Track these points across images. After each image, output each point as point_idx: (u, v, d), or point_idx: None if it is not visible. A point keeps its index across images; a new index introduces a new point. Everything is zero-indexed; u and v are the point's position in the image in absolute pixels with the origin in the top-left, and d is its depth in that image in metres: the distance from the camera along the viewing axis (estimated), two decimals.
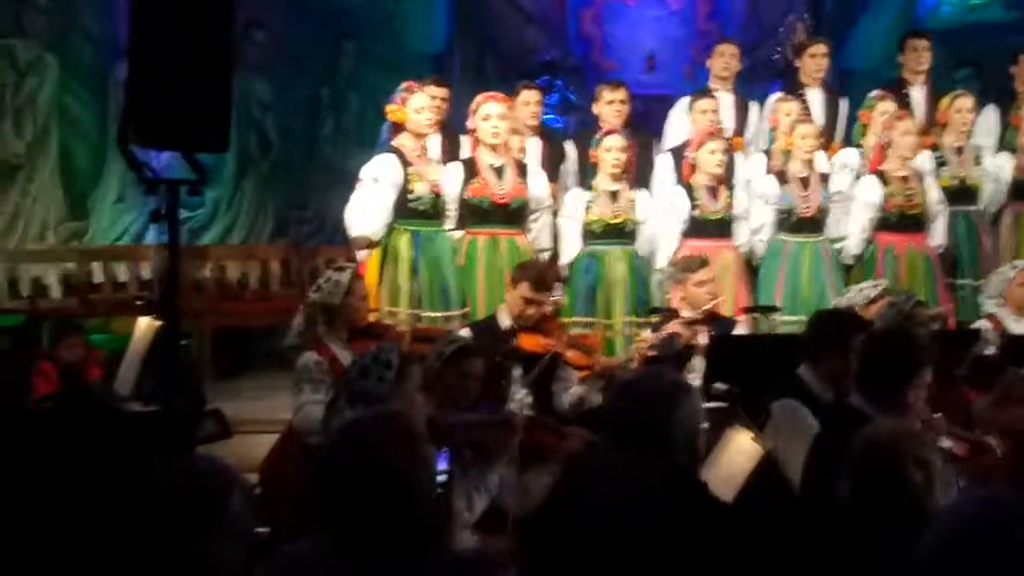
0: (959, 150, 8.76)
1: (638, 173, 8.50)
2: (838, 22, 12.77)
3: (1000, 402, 6.22)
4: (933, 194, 8.48)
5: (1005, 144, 9.00)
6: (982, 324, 7.60)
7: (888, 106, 8.73)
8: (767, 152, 8.78)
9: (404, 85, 8.28)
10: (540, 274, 7.03)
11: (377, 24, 12.53)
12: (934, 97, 9.25)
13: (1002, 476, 5.16)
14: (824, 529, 3.66)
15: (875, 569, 3.08)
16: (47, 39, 10.14)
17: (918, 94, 9.36)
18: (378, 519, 2.94)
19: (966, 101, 8.91)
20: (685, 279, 7.48)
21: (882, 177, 8.34)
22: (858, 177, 8.50)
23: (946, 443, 5.06)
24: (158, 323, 5.73)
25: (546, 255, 8.05)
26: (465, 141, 8.29)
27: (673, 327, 7.17)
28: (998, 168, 8.81)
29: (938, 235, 8.51)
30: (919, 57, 9.50)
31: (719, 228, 8.20)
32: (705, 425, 4.14)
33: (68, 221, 10.25)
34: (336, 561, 2.97)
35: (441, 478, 3.56)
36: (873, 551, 3.30)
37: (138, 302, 9.00)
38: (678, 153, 8.56)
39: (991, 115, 9.16)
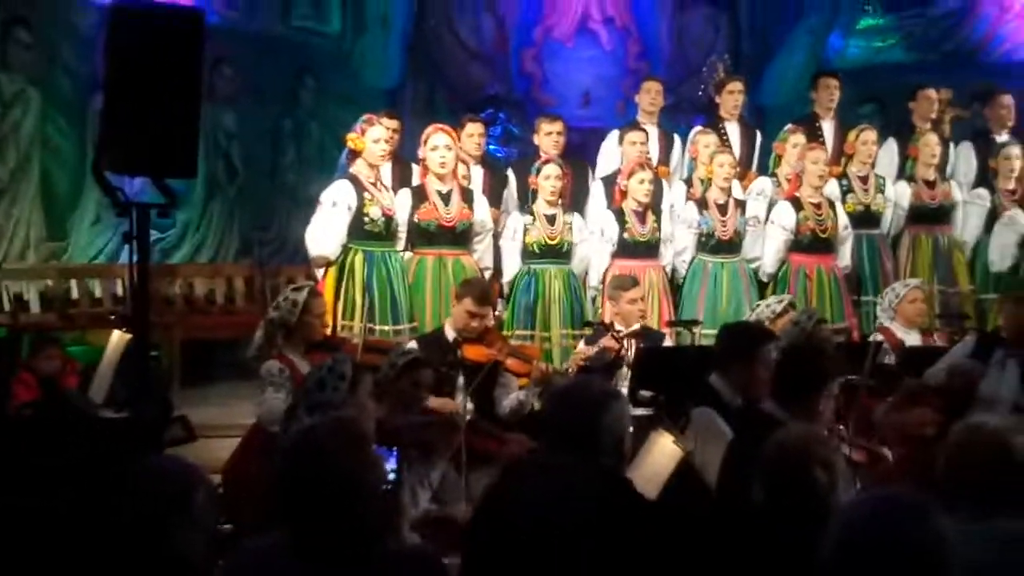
0: (864, 179, 8.84)
1: (573, 198, 8.56)
2: (755, 62, 12.85)
3: (898, 407, 6.31)
4: (841, 219, 8.57)
5: (904, 173, 9.10)
6: (875, 337, 7.69)
7: (800, 139, 8.81)
8: (688, 181, 8.85)
9: (364, 117, 8.27)
10: (483, 290, 7.05)
11: (336, 61, 12.53)
12: (842, 130, 9.32)
13: (896, 480, 5.21)
14: (738, 525, 3.69)
15: (783, 564, 3.10)
16: (30, 73, 10.04)
17: (828, 128, 9.43)
18: (329, 518, 2.94)
19: (870, 134, 9.01)
20: (619, 296, 7.53)
21: (796, 203, 8.43)
22: (772, 203, 8.57)
23: (846, 450, 5.12)
24: (129, 336, 5.70)
25: (488, 273, 8.05)
26: (415, 169, 8.27)
27: (607, 340, 7.22)
28: (898, 195, 8.89)
29: (845, 257, 8.61)
30: (830, 94, 9.58)
31: (647, 249, 8.25)
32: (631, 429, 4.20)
33: (48, 241, 10.15)
34: (291, 559, 2.97)
35: (391, 476, 3.58)
36: (782, 547, 3.33)
37: (112, 316, 8.93)
38: (610, 181, 8.59)
39: (892, 147, 9.27)
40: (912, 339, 7.55)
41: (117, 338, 6.19)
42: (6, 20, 9.93)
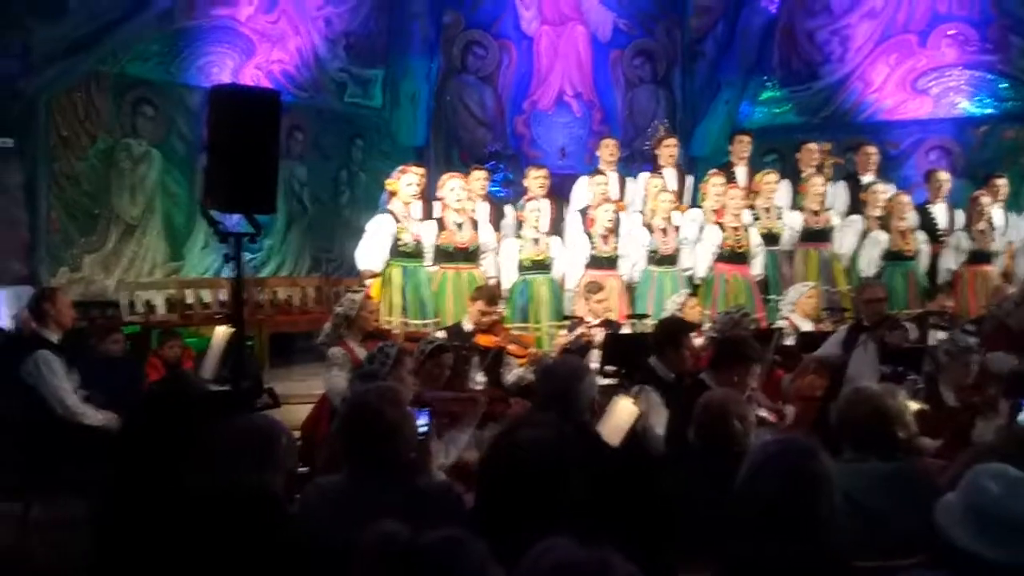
0: (767, 209, 8.81)
1: (555, 225, 8.56)
2: (686, 124, 12.84)
3: (797, 377, 6.33)
4: (754, 239, 8.58)
5: (796, 205, 9.08)
6: (781, 323, 7.71)
7: (719, 180, 8.79)
8: (641, 212, 8.86)
9: (399, 168, 8.37)
10: (491, 294, 7.09)
11: (378, 127, 12.51)
12: (751, 174, 9.31)
13: (794, 430, 5.23)
14: (678, 460, 3.70)
15: (712, 488, 3.11)
16: (153, 138, 10.06)
17: (740, 172, 9.42)
18: (375, 458, 2.96)
19: (772, 176, 9.01)
20: (589, 298, 7.55)
21: (720, 227, 8.45)
22: (701, 228, 8.57)
23: (762, 412, 5.13)
24: (230, 330, 5.70)
25: (493, 281, 8.05)
26: (437, 205, 8.26)
27: (581, 329, 7.26)
28: (792, 221, 8.86)
29: (756, 266, 8.61)
30: (742, 148, 9.60)
31: (610, 263, 8.25)
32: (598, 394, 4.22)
33: (169, 262, 10.18)
34: (350, 488, 2.98)
35: (422, 429, 3.58)
36: (710, 476, 3.34)
37: (217, 316, 8.96)
38: (583, 213, 8.58)
39: (787, 186, 9.24)
40: (807, 327, 7.56)
41: (221, 332, 6.16)
42: (136, 100, 9.95)
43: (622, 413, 4.28)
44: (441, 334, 6.68)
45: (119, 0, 9.59)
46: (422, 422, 3.61)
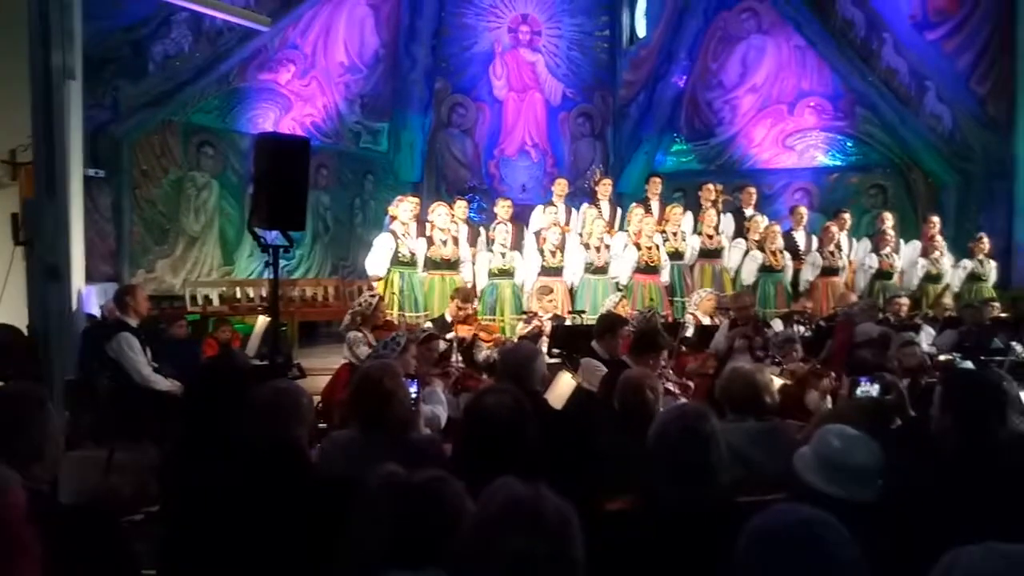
0: (675, 233, 8.88)
1: (516, 242, 8.55)
2: (616, 168, 12.88)
3: (696, 359, 6.37)
4: (664, 256, 8.62)
5: (696, 230, 9.15)
6: (687, 318, 7.75)
7: (640, 211, 8.85)
8: (580, 234, 8.89)
9: (398, 197, 8.32)
10: (465, 294, 7.05)
11: (384, 167, 12.43)
12: (663, 206, 9.35)
13: (693, 399, 5.27)
14: (602, 422, 3.71)
15: (628, 446, 3.13)
16: (212, 171, 9.99)
17: (655, 205, 9.47)
18: (377, 416, 2.95)
19: (678, 209, 9.08)
20: (541, 298, 7.55)
21: (638, 247, 8.48)
22: (625, 246, 8.61)
23: (670, 385, 5.17)
24: (268, 319, 5.67)
25: (468, 285, 8.03)
26: (427, 226, 8.24)
27: (535, 321, 7.25)
28: (693, 242, 8.95)
29: (665, 276, 8.66)
30: (656, 187, 9.66)
31: (557, 271, 8.26)
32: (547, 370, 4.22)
33: (223, 266, 10.10)
34: (359, 440, 2.97)
35: (413, 395, 3.57)
36: (628, 435, 3.36)
37: (259, 308, 8.87)
38: (536, 234, 8.60)
39: (690, 216, 9.29)
40: (706, 322, 7.61)
41: (262, 320, 6.14)
42: (200, 142, 9.86)
43: (564, 385, 4.30)
44: (429, 324, 6.67)
45: (188, 66, 9.52)
46: (412, 390, 3.60)
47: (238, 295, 9.66)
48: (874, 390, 3.64)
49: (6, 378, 4.08)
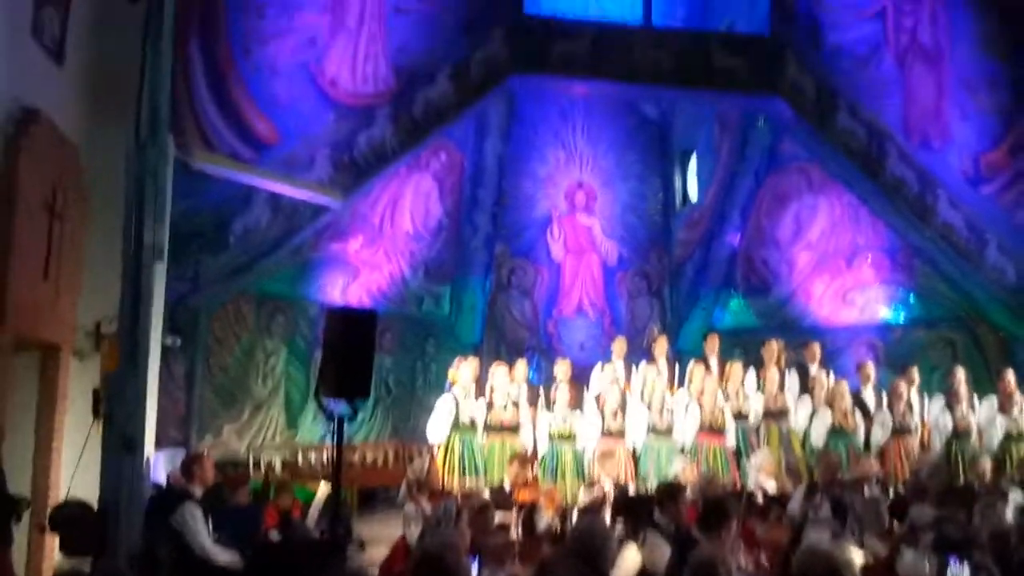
0: (736, 392, 8.73)
1: (576, 402, 8.44)
2: (674, 326, 12.84)
3: (767, 528, 6.02)
4: (728, 417, 8.42)
5: (759, 388, 8.92)
6: (753, 483, 7.40)
7: (700, 370, 8.78)
8: (642, 392, 8.72)
9: (457, 358, 8.41)
10: (523, 459, 6.97)
11: (446, 329, 12.58)
12: (721, 363, 9.27)
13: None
14: None
15: None
16: (282, 337, 10.25)
17: (714, 362, 9.36)
18: None
19: (738, 366, 8.98)
20: (604, 462, 7.36)
21: (700, 405, 8.35)
22: (687, 405, 8.44)
23: (742, 558, 4.87)
24: (329, 486, 5.64)
25: (528, 449, 7.89)
26: (487, 388, 8.24)
27: (598, 488, 7.01)
28: (756, 402, 8.73)
29: (730, 436, 8.43)
30: (714, 344, 9.61)
31: (619, 434, 8.14)
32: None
33: (287, 430, 10.15)
34: None
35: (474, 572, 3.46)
36: None
37: (321, 475, 8.82)
38: (597, 397, 8.52)
39: (752, 374, 9.09)
40: (771, 484, 7.28)
41: (323, 488, 6.12)
42: (272, 310, 10.13)
43: (630, 562, 4.11)
44: (486, 494, 6.54)
45: (266, 239, 9.92)
46: (474, 566, 3.50)
47: (300, 460, 9.63)
48: (965, 573, 3.37)
49: (73, 553, 4.12)
